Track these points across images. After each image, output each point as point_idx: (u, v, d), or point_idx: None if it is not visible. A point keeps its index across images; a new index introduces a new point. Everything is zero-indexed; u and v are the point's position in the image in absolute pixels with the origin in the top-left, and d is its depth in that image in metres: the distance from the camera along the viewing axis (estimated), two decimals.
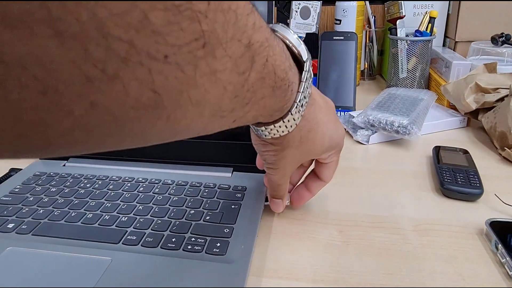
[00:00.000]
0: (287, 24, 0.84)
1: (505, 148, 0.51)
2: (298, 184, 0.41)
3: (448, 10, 0.86)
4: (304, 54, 0.28)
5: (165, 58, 0.15)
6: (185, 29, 0.15)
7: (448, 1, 0.85)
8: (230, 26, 0.18)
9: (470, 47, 0.76)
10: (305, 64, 0.28)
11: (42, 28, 0.12)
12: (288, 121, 0.28)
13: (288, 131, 0.29)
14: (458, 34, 0.81)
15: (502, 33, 0.71)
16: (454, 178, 0.44)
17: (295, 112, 0.28)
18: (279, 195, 0.37)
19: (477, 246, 0.36)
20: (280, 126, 0.28)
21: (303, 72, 0.27)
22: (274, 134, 0.29)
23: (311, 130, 0.31)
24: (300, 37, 0.82)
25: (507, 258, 0.32)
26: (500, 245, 0.33)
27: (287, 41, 0.27)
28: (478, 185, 0.43)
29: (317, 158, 0.37)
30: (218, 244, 0.34)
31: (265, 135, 0.30)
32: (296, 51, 0.27)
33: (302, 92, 0.27)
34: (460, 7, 0.80)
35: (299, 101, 0.27)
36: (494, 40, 0.72)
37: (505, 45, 0.71)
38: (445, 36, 0.88)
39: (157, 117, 0.17)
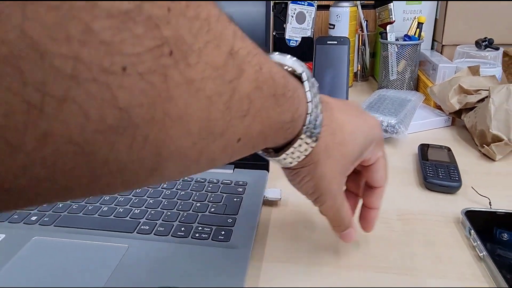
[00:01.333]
0: (284, 29, 0.88)
1: (484, 145, 0.56)
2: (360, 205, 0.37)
3: (436, 15, 0.90)
4: (298, 68, 0.26)
5: (123, 70, 0.14)
6: (140, 36, 0.14)
7: (436, 7, 0.89)
8: (203, 33, 0.16)
9: (455, 51, 0.80)
10: (302, 74, 0.26)
11: None
12: (307, 137, 0.26)
13: (311, 146, 0.27)
14: (445, 38, 0.86)
15: (485, 38, 0.76)
16: (436, 172, 0.49)
17: (309, 123, 0.26)
18: (344, 225, 0.32)
19: (454, 233, 0.40)
20: (300, 145, 0.26)
21: (304, 82, 0.26)
22: (298, 157, 0.27)
23: (334, 132, 0.28)
24: (295, 40, 0.87)
25: (478, 242, 0.36)
26: (472, 231, 0.38)
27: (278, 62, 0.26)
28: (457, 178, 0.47)
29: (361, 163, 0.32)
30: (223, 232, 0.38)
31: (290, 162, 0.28)
32: (289, 68, 0.26)
33: (312, 101, 0.26)
34: (446, 13, 0.84)
35: (311, 111, 0.26)
36: (478, 44, 0.77)
37: (488, 48, 0.76)
38: (433, 40, 0.93)
39: (131, 137, 0.15)
